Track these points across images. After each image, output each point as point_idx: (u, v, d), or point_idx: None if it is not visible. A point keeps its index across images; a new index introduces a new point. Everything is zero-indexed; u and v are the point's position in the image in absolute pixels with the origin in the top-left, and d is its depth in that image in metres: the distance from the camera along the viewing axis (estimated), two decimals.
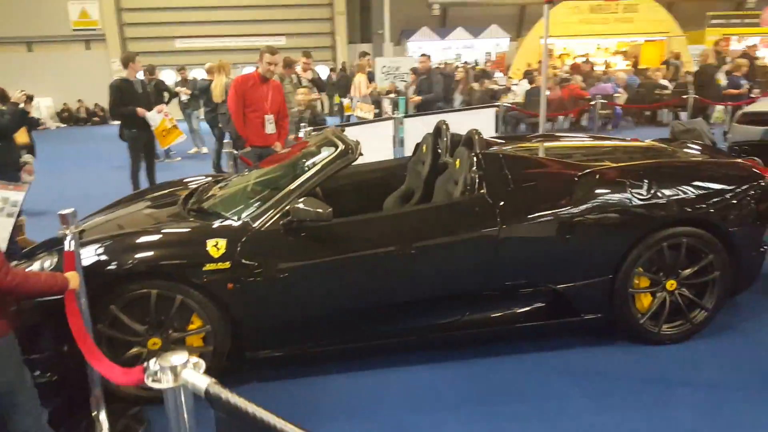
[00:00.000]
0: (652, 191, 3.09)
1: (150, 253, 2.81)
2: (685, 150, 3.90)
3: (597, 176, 3.16)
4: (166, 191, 4.05)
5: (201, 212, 3.27)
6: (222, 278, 2.82)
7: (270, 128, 5.51)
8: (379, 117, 10.02)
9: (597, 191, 3.09)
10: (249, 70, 6.51)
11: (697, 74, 10.34)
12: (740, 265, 3.19)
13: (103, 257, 2.76)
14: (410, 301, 3.09)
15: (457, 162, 3.40)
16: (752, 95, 9.91)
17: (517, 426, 2.62)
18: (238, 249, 2.85)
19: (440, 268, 3.05)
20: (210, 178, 4.20)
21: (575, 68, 17.77)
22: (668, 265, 3.15)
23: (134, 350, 2.85)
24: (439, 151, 4.03)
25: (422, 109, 8.72)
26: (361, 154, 3.20)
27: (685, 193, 3.12)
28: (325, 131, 3.93)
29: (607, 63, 19.00)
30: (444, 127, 4.06)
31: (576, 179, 3.16)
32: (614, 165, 3.28)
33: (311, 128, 6.20)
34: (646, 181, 3.12)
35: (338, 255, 2.94)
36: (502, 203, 3.07)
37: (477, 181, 3.15)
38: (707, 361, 3.05)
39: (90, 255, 2.74)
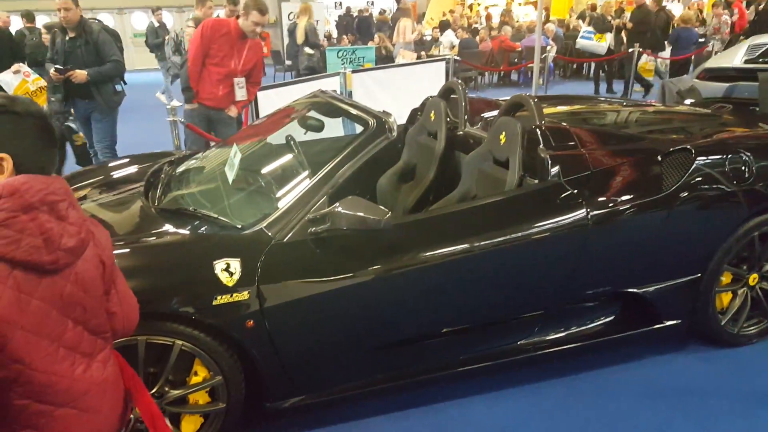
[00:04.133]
0: (749, 171, 2.61)
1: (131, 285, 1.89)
2: (728, 116, 3.48)
3: (687, 155, 2.60)
4: (94, 180, 2.97)
5: (180, 214, 2.34)
6: (239, 313, 1.99)
7: (240, 94, 4.53)
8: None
9: (689, 173, 2.54)
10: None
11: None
12: None
13: None
14: (473, 326, 2.43)
15: (502, 136, 2.69)
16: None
17: None
18: (259, 271, 2.02)
19: (515, 280, 2.39)
20: (145, 161, 3.12)
21: (489, 18, 17.51)
22: (755, 257, 2.72)
23: None
24: (450, 119, 3.31)
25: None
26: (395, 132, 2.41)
27: None
28: (317, 94, 3.05)
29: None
30: (459, 88, 3.32)
31: (663, 158, 2.60)
32: (703, 141, 2.75)
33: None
34: (741, 158, 2.63)
35: (390, 269, 2.18)
36: (586, 192, 2.44)
37: (548, 163, 2.48)
38: None
39: None
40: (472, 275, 2.31)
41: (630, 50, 9.34)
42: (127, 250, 2.03)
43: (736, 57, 7.00)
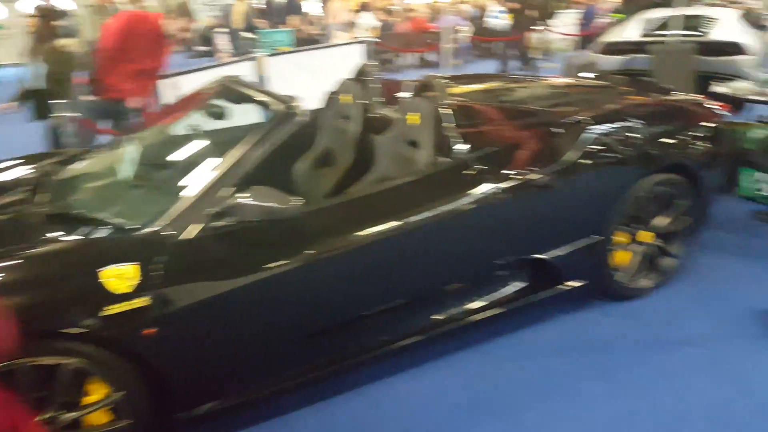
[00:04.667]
0: (638, 138, 2.81)
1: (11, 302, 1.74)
2: (624, 87, 3.70)
3: (584, 125, 2.76)
4: None
5: (71, 218, 2.19)
6: (138, 321, 1.89)
7: (167, 95, 4.45)
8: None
9: (587, 142, 2.71)
10: None
11: None
12: (702, 207, 3.10)
13: None
14: (394, 306, 2.47)
15: (417, 117, 2.74)
16: None
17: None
18: (161, 274, 1.94)
19: (433, 257, 2.46)
20: (29, 163, 2.89)
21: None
22: (645, 216, 2.93)
23: None
24: (364, 101, 3.31)
25: None
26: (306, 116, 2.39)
27: (666, 137, 2.90)
28: (224, 80, 2.97)
29: None
30: (372, 70, 3.34)
31: (561, 130, 2.74)
32: (597, 111, 2.90)
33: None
34: (631, 126, 2.82)
35: (307, 257, 2.16)
36: (492, 166, 2.53)
37: (458, 140, 2.55)
38: (689, 311, 2.93)
39: None
40: (390, 256, 2.35)
41: (542, 28, 9.72)
42: (8, 263, 1.89)
43: (633, 31, 7.41)
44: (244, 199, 2.00)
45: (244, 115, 3.07)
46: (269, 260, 2.11)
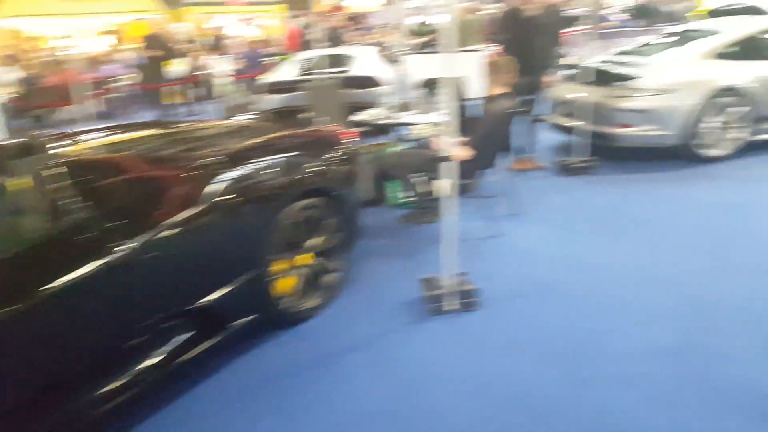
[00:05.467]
0: (274, 171, 2.91)
1: None
2: (270, 123, 3.87)
3: (215, 168, 2.71)
4: None
5: None
6: None
7: None
8: None
9: (228, 181, 2.68)
10: None
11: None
12: (351, 222, 3.41)
13: None
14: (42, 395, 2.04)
15: (27, 181, 2.35)
16: None
17: None
18: None
19: (74, 333, 2.09)
20: None
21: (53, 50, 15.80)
22: (298, 240, 3.07)
23: None
24: None
25: None
26: None
27: (302, 166, 3.07)
28: None
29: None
30: None
31: (196, 174, 2.66)
32: (229, 151, 2.90)
33: None
34: (264, 162, 2.90)
35: None
36: (124, 222, 2.29)
37: (78, 202, 2.25)
38: (353, 319, 3.13)
39: None
40: (18, 341, 1.94)
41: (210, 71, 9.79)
42: None
43: (291, 71, 8.03)
44: None
45: None
46: None
